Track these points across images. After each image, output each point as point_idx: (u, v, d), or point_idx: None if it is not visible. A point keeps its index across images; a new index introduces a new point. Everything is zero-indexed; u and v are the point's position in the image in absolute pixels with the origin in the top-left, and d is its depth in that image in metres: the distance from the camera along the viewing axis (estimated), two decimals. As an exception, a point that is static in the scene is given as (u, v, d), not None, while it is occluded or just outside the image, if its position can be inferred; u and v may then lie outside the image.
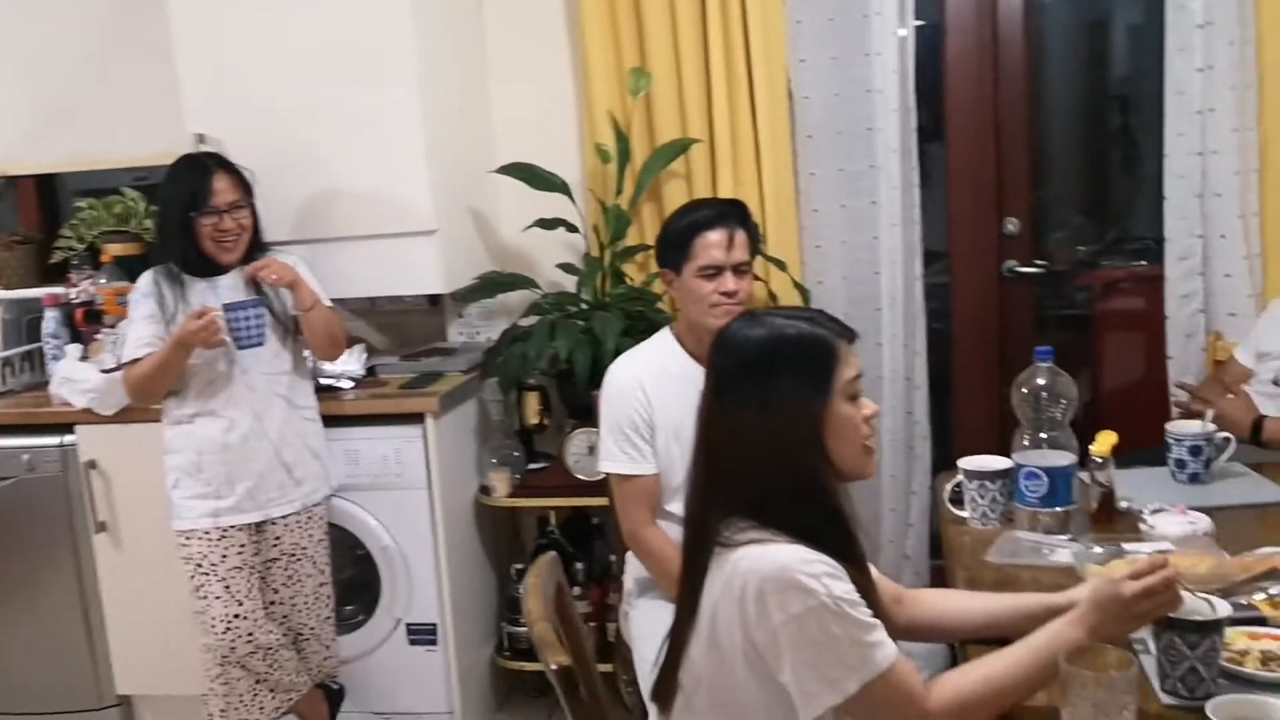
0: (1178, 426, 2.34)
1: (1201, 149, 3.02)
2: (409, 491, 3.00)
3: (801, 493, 1.48)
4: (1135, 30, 3.58)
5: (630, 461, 2.38)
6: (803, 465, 1.48)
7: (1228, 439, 2.33)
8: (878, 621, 1.43)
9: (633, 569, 2.50)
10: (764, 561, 1.41)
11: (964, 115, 3.37)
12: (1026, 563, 1.97)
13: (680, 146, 3.11)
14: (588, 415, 3.01)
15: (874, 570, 1.59)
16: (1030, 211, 3.43)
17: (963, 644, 1.68)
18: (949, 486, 2.23)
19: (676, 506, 2.39)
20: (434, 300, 3.44)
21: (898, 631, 1.66)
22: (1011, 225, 3.41)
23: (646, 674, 2.04)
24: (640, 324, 3.08)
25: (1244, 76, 2.95)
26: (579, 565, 3.23)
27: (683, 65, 3.14)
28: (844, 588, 1.40)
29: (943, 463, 3.33)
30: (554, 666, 1.38)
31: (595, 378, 2.90)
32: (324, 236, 3.05)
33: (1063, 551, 1.96)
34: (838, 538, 1.47)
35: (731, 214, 2.39)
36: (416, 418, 2.99)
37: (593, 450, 3.01)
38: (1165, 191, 3.08)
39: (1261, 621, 1.62)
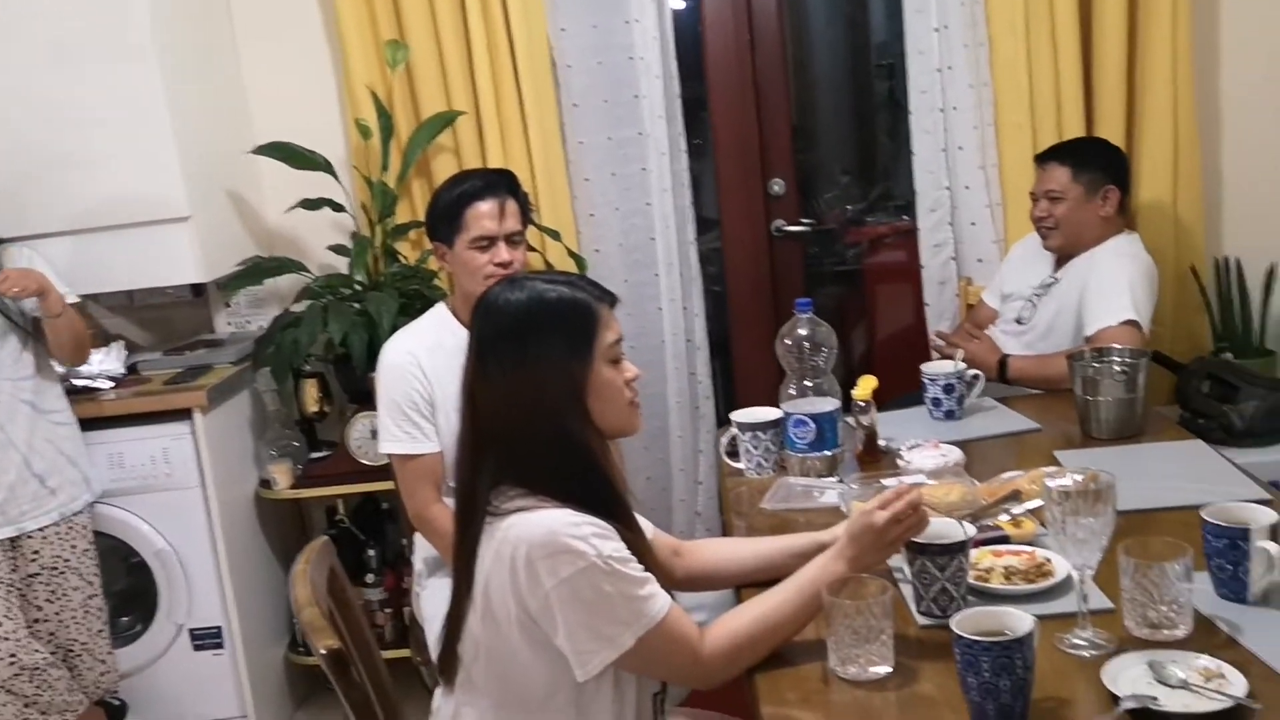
0: (931, 367, 2.48)
1: (943, 105, 3.18)
2: (181, 491, 2.87)
3: (565, 455, 1.48)
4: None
5: (411, 441, 2.34)
6: (565, 428, 1.49)
7: (977, 376, 2.48)
8: (649, 575, 1.45)
9: (421, 549, 2.46)
10: (532, 528, 1.41)
11: (724, 80, 3.45)
12: (799, 506, 2.05)
13: (445, 120, 3.06)
14: (368, 399, 2.93)
15: (650, 526, 1.62)
16: (795, 172, 3.55)
17: (739, 589, 1.73)
18: (724, 440, 2.29)
19: (462, 482, 2.37)
20: (198, 291, 3.29)
21: (678, 583, 1.70)
22: (777, 186, 3.51)
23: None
24: (417, 303, 3.02)
25: (975, 35, 3.12)
26: (371, 552, 3.17)
27: (442, 36, 3.08)
28: (613, 546, 1.42)
29: (728, 420, 3.43)
30: (323, 650, 1.35)
31: (373, 360, 2.82)
32: (71, 229, 2.87)
33: (831, 493, 2.05)
34: (604, 497, 1.49)
35: (501, 183, 2.37)
36: (184, 414, 2.86)
37: (375, 434, 2.94)
38: (913, 146, 3.24)
39: (1005, 540, 1.74)
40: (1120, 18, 3.01)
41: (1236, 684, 1.29)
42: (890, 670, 1.43)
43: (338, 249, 3.18)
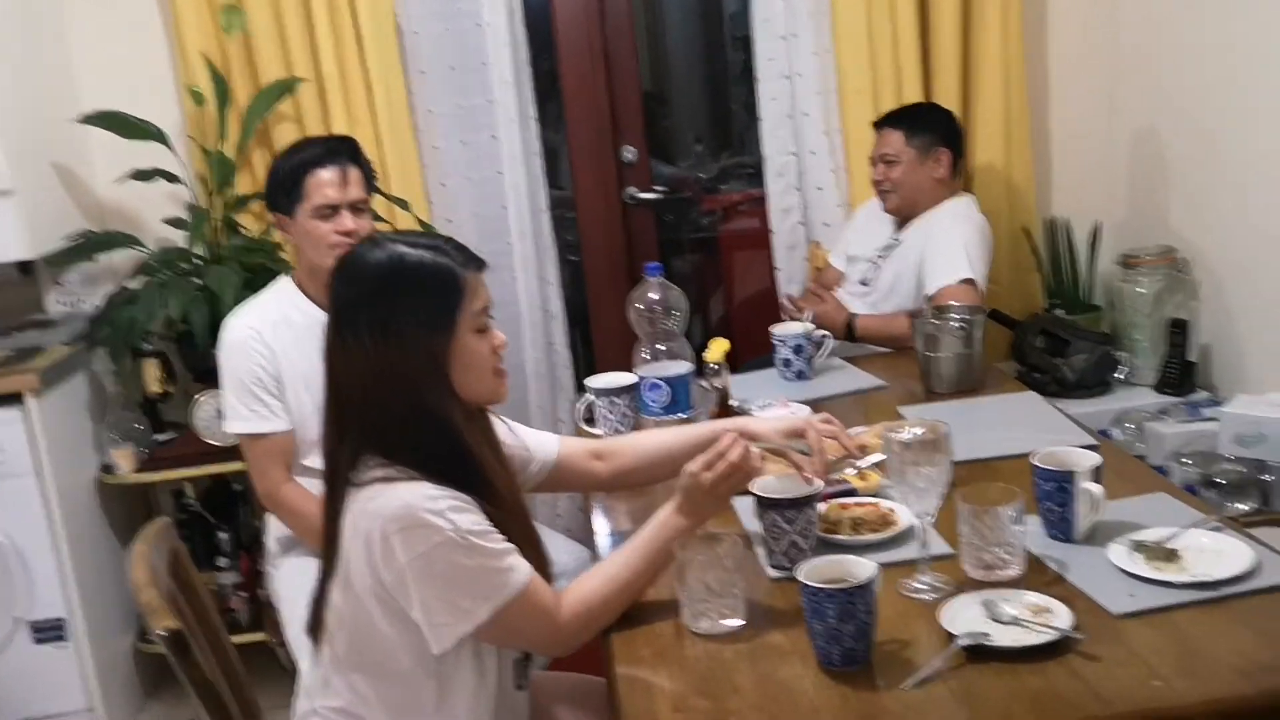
0: (781, 329, 2.53)
1: (789, 72, 3.24)
2: (14, 480, 2.73)
3: (426, 427, 1.46)
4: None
5: (259, 419, 2.28)
6: (425, 399, 1.46)
7: (825, 336, 2.55)
8: (510, 546, 1.44)
9: (274, 529, 2.41)
10: (388, 501, 1.39)
11: (574, 48, 3.42)
12: (655, 469, 2.07)
13: (285, 87, 2.97)
14: (214, 378, 2.83)
15: (568, 440, 1.68)
16: (647, 140, 3.56)
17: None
18: (581, 407, 2.30)
19: (315, 460, 2.31)
20: (25, 269, 3.11)
21: (605, 483, 1.79)
22: (629, 153, 3.52)
23: (296, 634, 1.98)
24: (262, 277, 2.91)
25: (819, 4, 3.18)
26: (223, 535, 3.08)
27: (280, 2, 2.99)
28: (471, 519, 1.41)
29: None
30: (161, 632, 1.31)
31: (217, 337, 2.75)
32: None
33: (685, 454, 2.08)
34: (464, 469, 1.47)
35: (342, 150, 2.32)
36: (14, 398, 2.71)
37: (221, 414, 2.86)
38: (760, 113, 3.28)
39: (852, 493, 1.79)
40: (956, -11, 3.12)
41: (1062, 617, 1.36)
42: (743, 623, 1.47)
43: (174, 222, 3.05)
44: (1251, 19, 2.69)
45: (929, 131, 2.85)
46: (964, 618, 1.39)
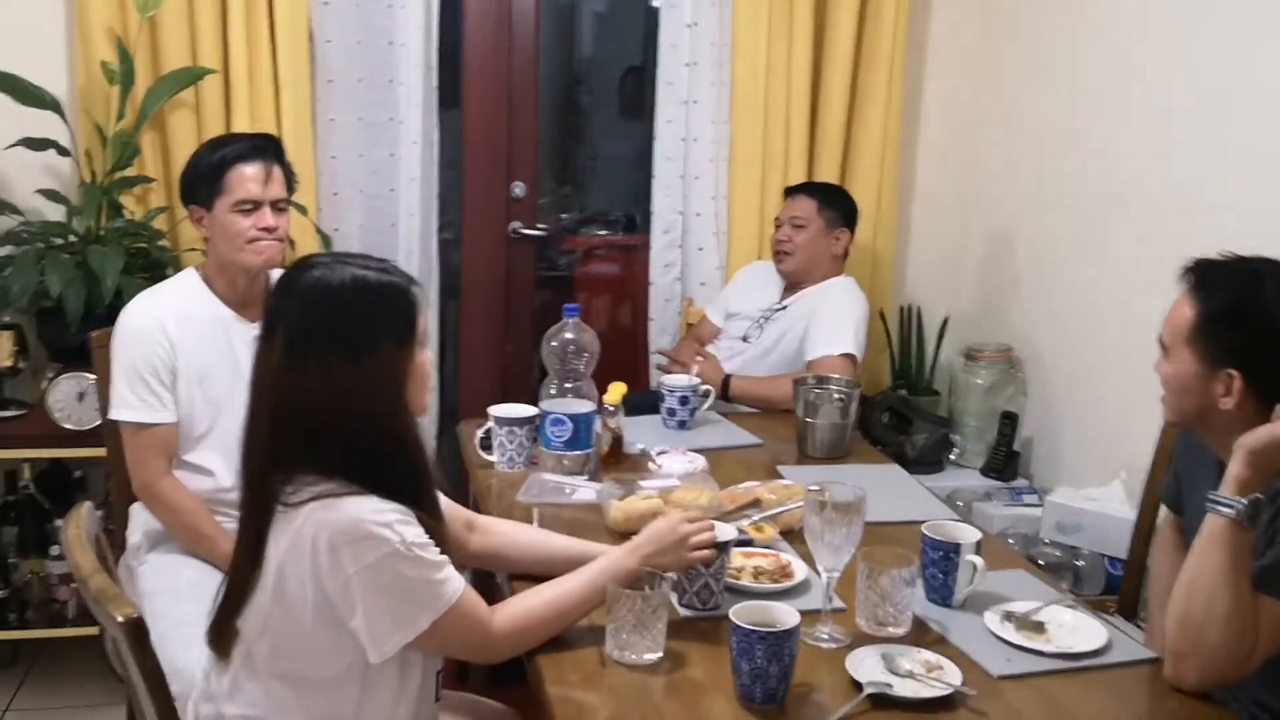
0: (671, 379, 2.66)
1: (686, 135, 3.40)
2: None
3: (386, 443, 1.49)
4: (627, 19, 3.94)
5: (148, 409, 2.24)
6: (392, 415, 1.50)
7: (709, 390, 2.69)
8: (445, 559, 1.50)
9: (141, 522, 2.35)
10: (334, 514, 1.42)
11: (481, 76, 3.49)
12: (551, 501, 2.15)
13: (194, 75, 2.92)
14: (76, 358, 2.76)
15: (447, 501, 1.65)
16: (535, 177, 3.65)
17: (511, 578, 1.81)
18: (479, 433, 2.35)
19: (197, 456, 2.29)
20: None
21: (470, 558, 1.76)
22: (519, 188, 3.60)
23: (164, 629, 1.95)
24: (140, 260, 2.87)
25: (721, 75, 3.37)
26: (58, 522, 2.95)
27: (197, -11, 2.95)
28: (415, 532, 1.46)
29: (448, 415, 3.47)
30: (120, 619, 1.30)
31: (89, 318, 2.67)
32: None
33: (584, 490, 2.17)
34: (412, 483, 1.51)
35: (267, 148, 2.32)
36: None
37: (83, 397, 2.77)
38: (655, 170, 3.43)
39: (749, 543, 1.92)
40: (845, 80, 3.35)
41: (953, 674, 1.52)
42: (661, 656, 1.57)
43: (50, 194, 2.93)
44: (1090, 146, 3.02)
45: (838, 209, 3.08)
46: (865, 668, 1.53)
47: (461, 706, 1.86)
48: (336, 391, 1.47)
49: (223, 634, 1.55)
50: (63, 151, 2.84)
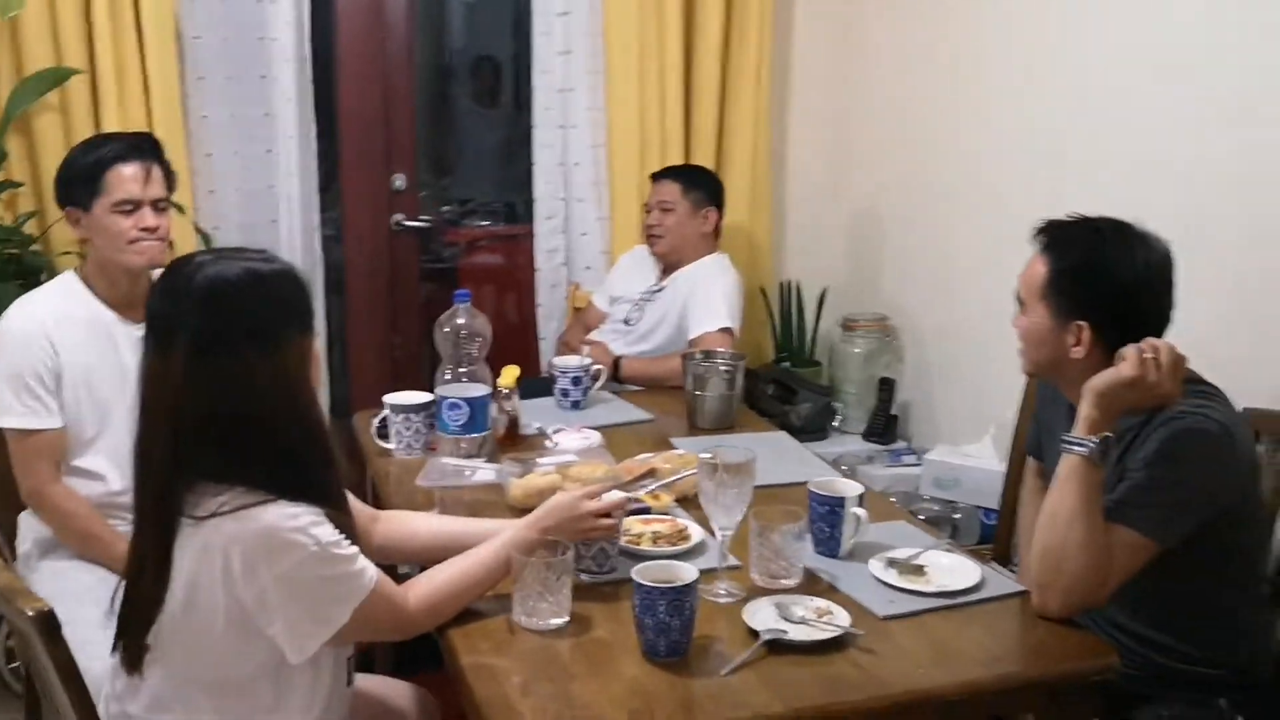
0: (561, 361, 2.73)
1: (563, 123, 3.46)
2: None
3: (306, 436, 1.50)
4: (498, 9, 3.98)
5: (33, 415, 2.21)
6: (310, 405, 1.51)
7: (600, 370, 2.76)
8: (357, 549, 1.52)
9: (31, 530, 2.31)
10: (246, 527, 1.42)
11: (356, 70, 3.50)
12: (452, 484, 2.20)
13: (60, 75, 2.86)
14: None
15: (351, 496, 1.66)
16: (415, 169, 3.67)
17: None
18: (375, 421, 2.38)
19: (86, 461, 2.27)
20: None
21: (374, 551, 1.78)
22: (399, 180, 3.61)
23: (65, 635, 1.94)
24: (13, 267, 2.81)
25: (595, 63, 3.43)
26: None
27: (57, -13, 2.89)
28: (327, 531, 1.47)
29: (343, 405, 3.48)
30: (30, 613, 1.31)
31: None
32: None
33: (483, 472, 2.22)
34: (325, 476, 1.52)
35: (145, 147, 2.30)
36: None
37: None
38: (534, 158, 3.49)
39: (647, 510, 2.00)
40: (716, 64, 3.46)
41: (842, 618, 1.62)
42: (567, 620, 1.64)
43: (-88, 202, 2.86)
44: (953, 119, 3.19)
45: (702, 189, 3.17)
46: (761, 617, 1.63)
47: (375, 688, 1.90)
48: (256, 389, 1.45)
49: (133, 652, 1.52)
50: (-75, 156, 2.76)
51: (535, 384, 2.78)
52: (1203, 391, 1.75)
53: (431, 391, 2.36)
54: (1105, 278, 1.77)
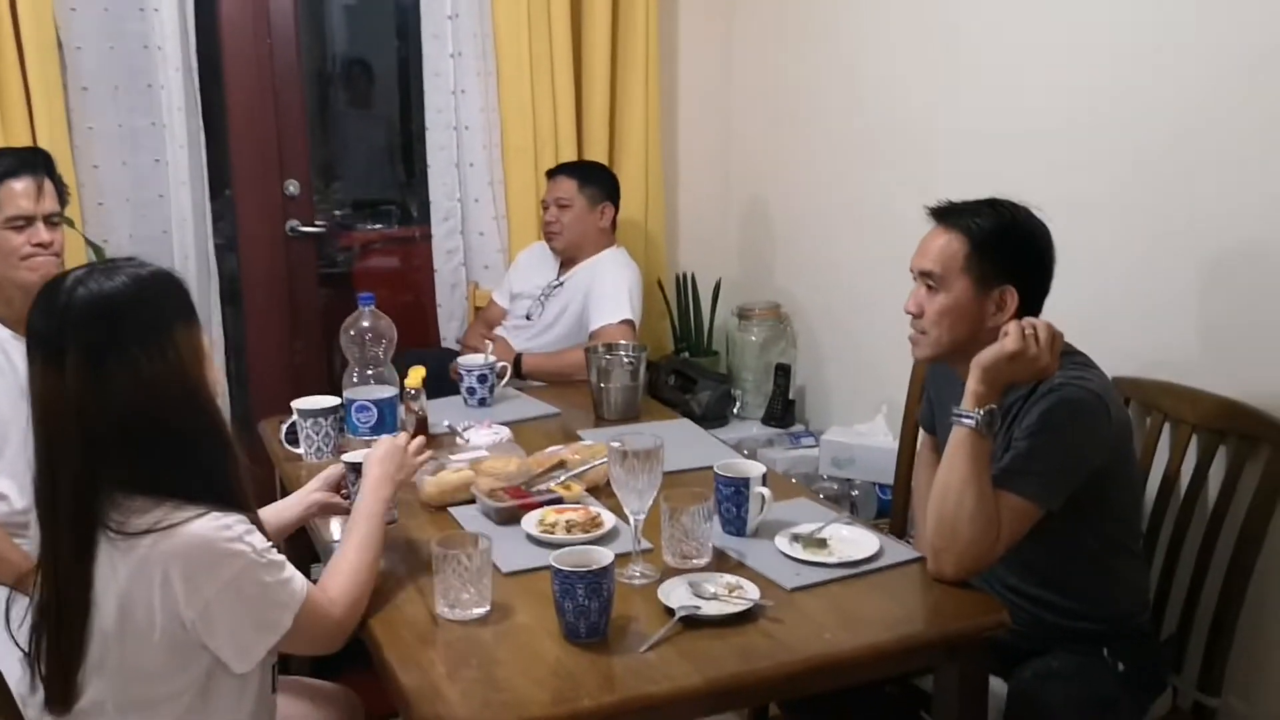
0: (466, 360, 2.76)
1: (456, 124, 3.49)
2: None
3: (206, 429, 1.52)
4: (377, 13, 3.99)
5: (-70, 437, 2.16)
6: (206, 396, 1.53)
7: (505, 368, 2.81)
8: (283, 557, 1.54)
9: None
10: (181, 542, 1.42)
11: (242, 78, 3.47)
12: (364, 485, 2.22)
13: (-63, 90, 2.79)
14: None
15: None
16: (308, 174, 3.65)
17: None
18: (284, 426, 2.39)
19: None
20: None
21: None
22: (292, 186, 3.59)
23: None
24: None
25: (486, 64, 3.47)
26: None
27: (-70, 1, 2.82)
28: (259, 538, 1.49)
29: (244, 415, 3.45)
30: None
31: None
32: None
33: (395, 471, 2.25)
34: (235, 484, 1.52)
35: (37, 162, 2.27)
36: None
37: None
38: (429, 160, 3.51)
39: (559, 501, 2.06)
40: (605, 63, 3.52)
41: (752, 591, 1.70)
42: (489, 609, 1.68)
43: None
44: (842, 108, 3.30)
45: (598, 185, 3.24)
46: (676, 595, 1.70)
47: (298, 691, 1.92)
48: (150, 388, 1.45)
49: (60, 694, 1.50)
50: None
51: (441, 383, 2.81)
52: (1078, 363, 1.87)
53: (336, 395, 2.38)
54: (1028, 240, 1.89)
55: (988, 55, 2.72)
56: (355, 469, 1.89)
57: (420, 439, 1.95)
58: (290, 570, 1.54)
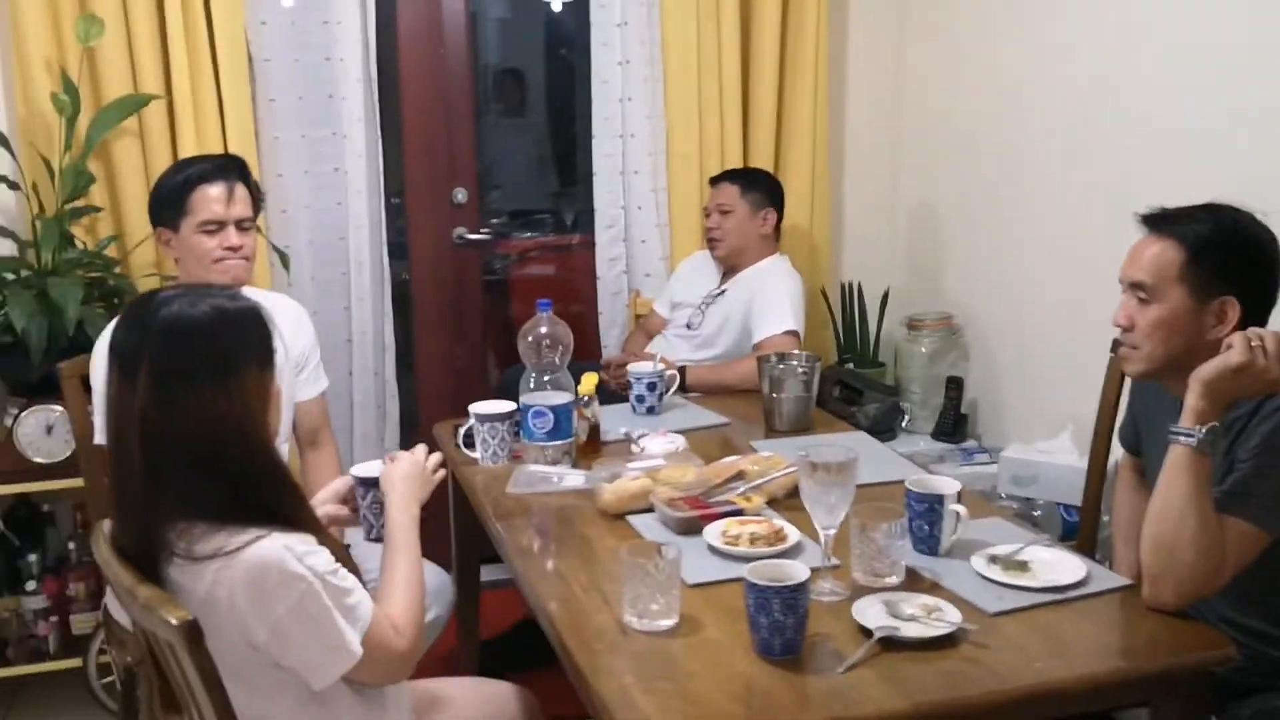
0: (636, 367, 2.74)
1: (623, 132, 3.49)
2: None
3: (261, 468, 1.50)
4: (556, 23, 4.02)
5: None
6: (261, 445, 1.51)
7: (674, 376, 2.78)
8: (354, 580, 1.53)
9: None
10: (245, 568, 1.41)
11: (418, 86, 3.54)
12: (541, 490, 2.22)
13: (139, 102, 2.92)
14: (40, 391, 2.74)
15: None
16: (476, 183, 3.70)
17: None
18: (461, 431, 2.41)
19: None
20: None
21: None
22: (460, 194, 3.65)
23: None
24: (97, 290, 2.87)
25: (653, 71, 3.46)
26: (31, 557, 2.93)
27: (132, 17, 2.94)
28: (323, 560, 1.48)
29: (409, 418, 3.51)
30: (175, 622, 1.33)
31: (52, 351, 2.66)
32: None
33: (571, 477, 2.24)
34: (298, 510, 1.54)
35: (231, 168, 2.36)
36: None
37: (52, 429, 2.75)
38: (594, 167, 3.51)
39: (740, 512, 2.01)
40: (773, 67, 3.48)
41: (952, 614, 1.63)
42: (677, 621, 1.65)
43: (3, 231, 2.92)
44: (1017, 111, 3.18)
45: (760, 191, 3.19)
46: (871, 614, 1.63)
47: (473, 691, 1.92)
48: (209, 423, 1.45)
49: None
50: (12, 185, 2.82)
51: (603, 391, 2.79)
52: (1308, 379, 1.73)
53: (495, 399, 2.38)
54: (1251, 247, 1.77)
55: (1193, 38, 2.56)
56: (364, 483, 1.85)
57: (437, 455, 1.90)
58: (358, 596, 1.52)
